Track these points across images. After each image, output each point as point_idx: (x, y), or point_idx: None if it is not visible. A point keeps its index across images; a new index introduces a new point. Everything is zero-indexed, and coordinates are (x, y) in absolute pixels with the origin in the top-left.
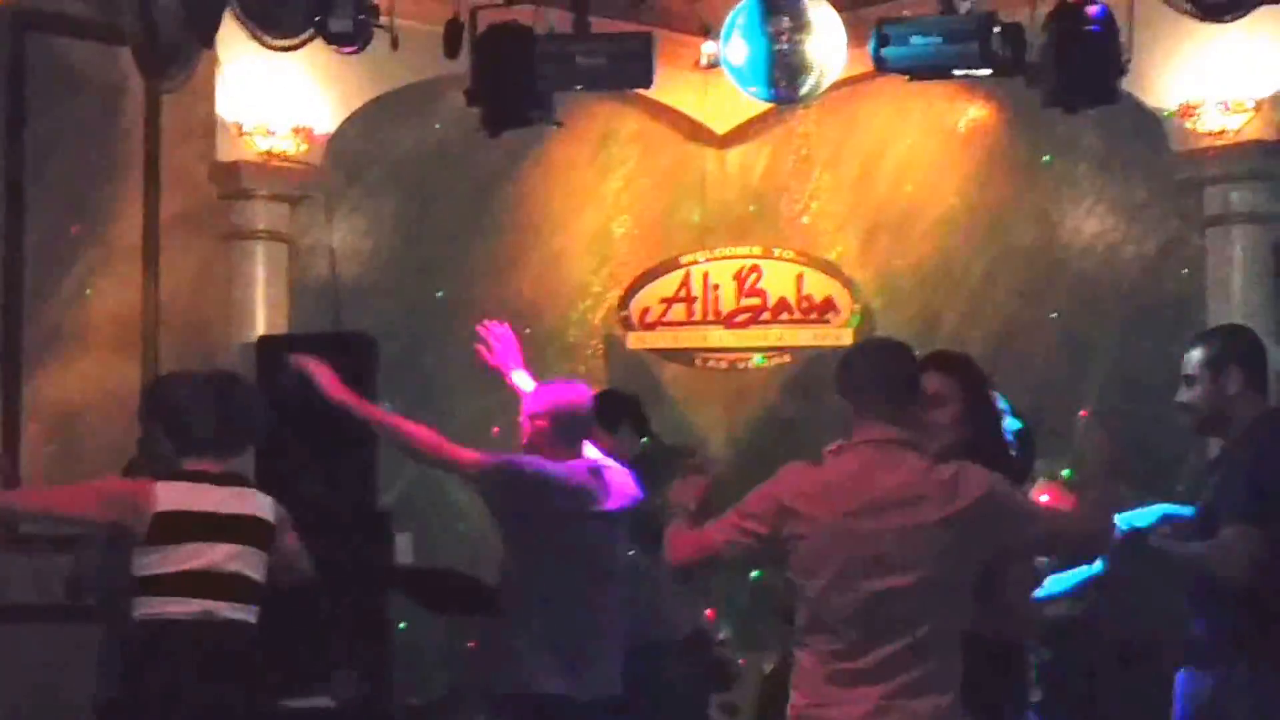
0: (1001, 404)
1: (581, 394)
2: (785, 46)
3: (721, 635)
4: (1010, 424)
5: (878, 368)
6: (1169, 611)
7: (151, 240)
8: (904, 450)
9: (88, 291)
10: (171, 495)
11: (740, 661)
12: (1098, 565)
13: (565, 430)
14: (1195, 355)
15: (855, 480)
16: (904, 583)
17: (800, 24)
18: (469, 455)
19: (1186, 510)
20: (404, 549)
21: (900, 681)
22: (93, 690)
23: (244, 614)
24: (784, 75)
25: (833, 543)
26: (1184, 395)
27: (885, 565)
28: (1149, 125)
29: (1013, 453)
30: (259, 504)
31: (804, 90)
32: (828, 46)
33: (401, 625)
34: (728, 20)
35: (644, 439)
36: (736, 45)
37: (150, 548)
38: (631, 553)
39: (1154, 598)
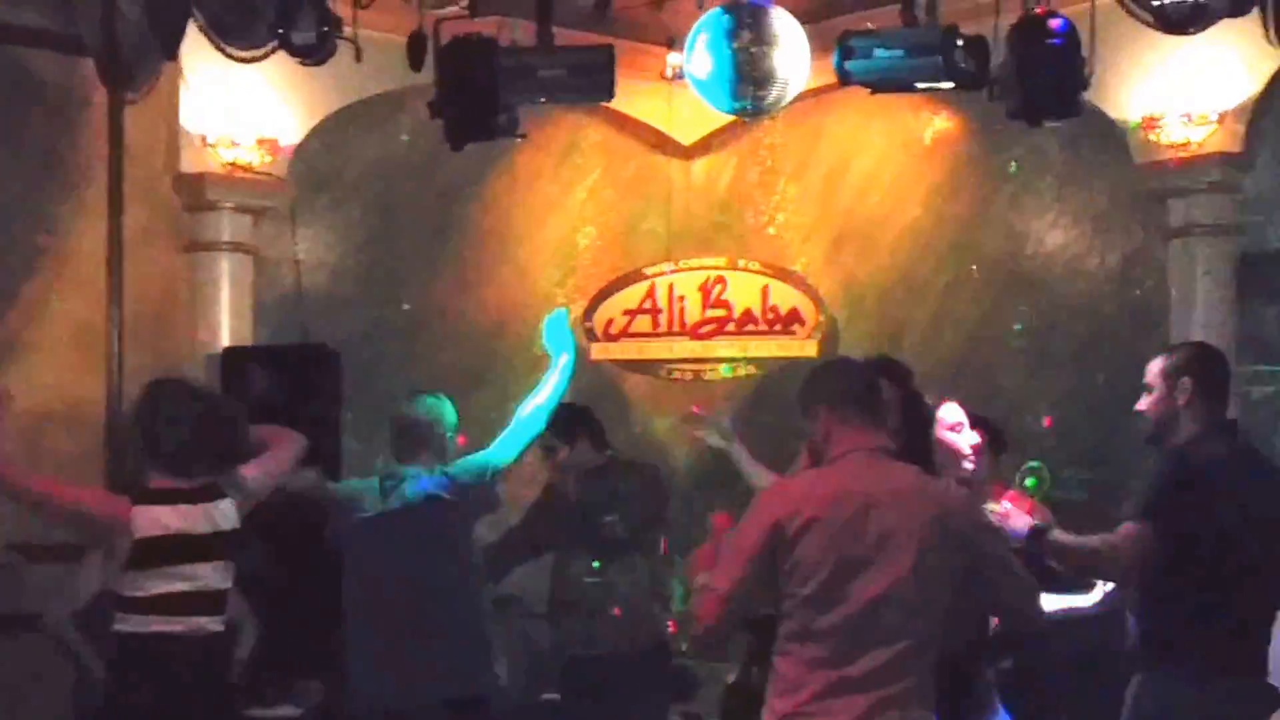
0: (960, 415)
1: None
2: (749, 59)
3: (685, 646)
4: (969, 436)
5: (855, 380)
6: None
7: (115, 252)
8: (892, 458)
9: (51, 303)
10: (147, 520)
11: (700, 673)
12: None
13: None
14: (1155, 365)
15: (849, 485)
16: (895, 590)
17: (764, 36)
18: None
19: None
20: None
21: (887, 692)
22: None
23: (220, 625)
24: (747, 88)
25: (827, 547)
26: (1140, 403)
27: (877, 571)
28: (1113, 137)
29: (969, 465)
30: (226, 515)
31: (767, 103)
32: (792, 59)
33: None
34: (691, 32)
35: (609, 451)
36: (700, 57)
37: (133, 571)
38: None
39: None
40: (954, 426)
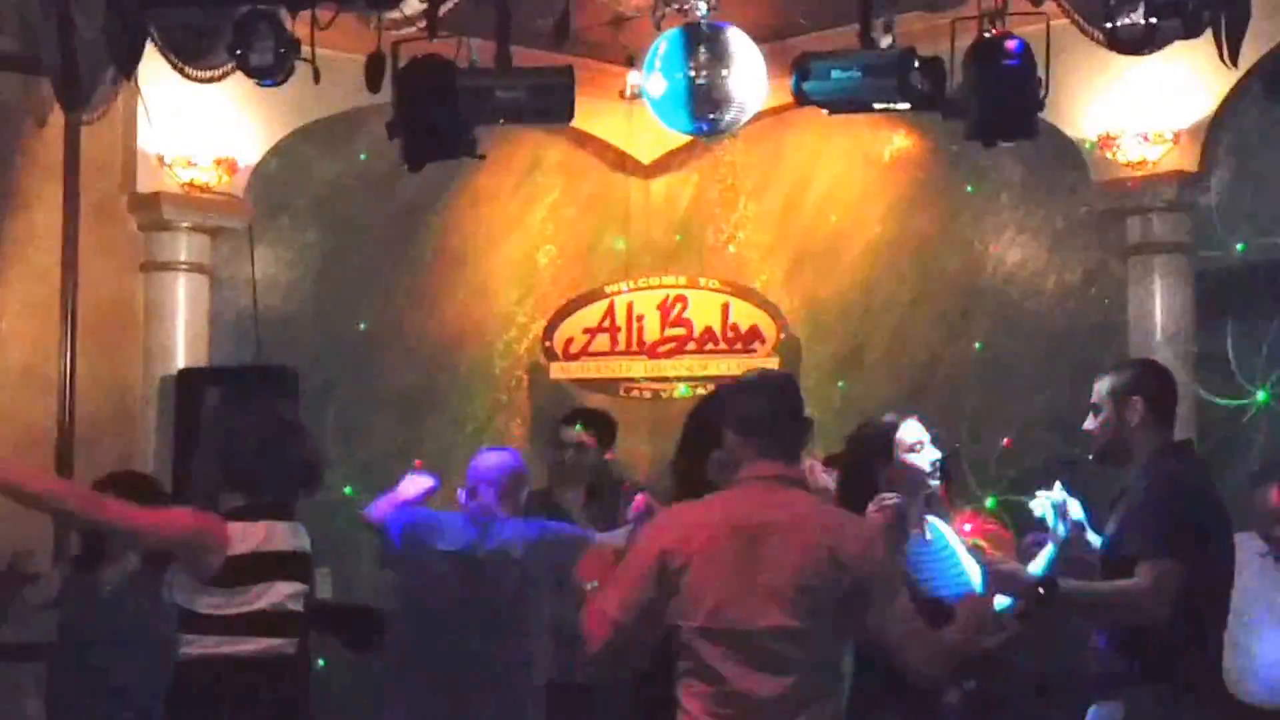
0: (921, 433)
1: None
2: (705, 80)
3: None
4: (930, 454)
5: (776, 403)
6: (1083, 643)
7: (70, 271)
8: (794, 487)
9: (2, 323)
10: (240, 535)
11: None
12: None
13: None
14: (1102, 385)
15: (742, 514)
16: (783, 620)
17: (720, 56)
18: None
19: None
20: (321, 585)
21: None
22: None
23: (296, 648)
24: (704, 108)
25: (713, 577)
26: (1088, 424)
27: (763, 602)
28: (1070, 155)
29: (934, 482)
30: (306, 538)
31: (724, 124)
32: (748, 79)
33: (320, 662)
34: (648, 53)
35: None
36: (657, 78)
37: (217, 589)
38: None
39: (1069, 629)
40: (913, 446)
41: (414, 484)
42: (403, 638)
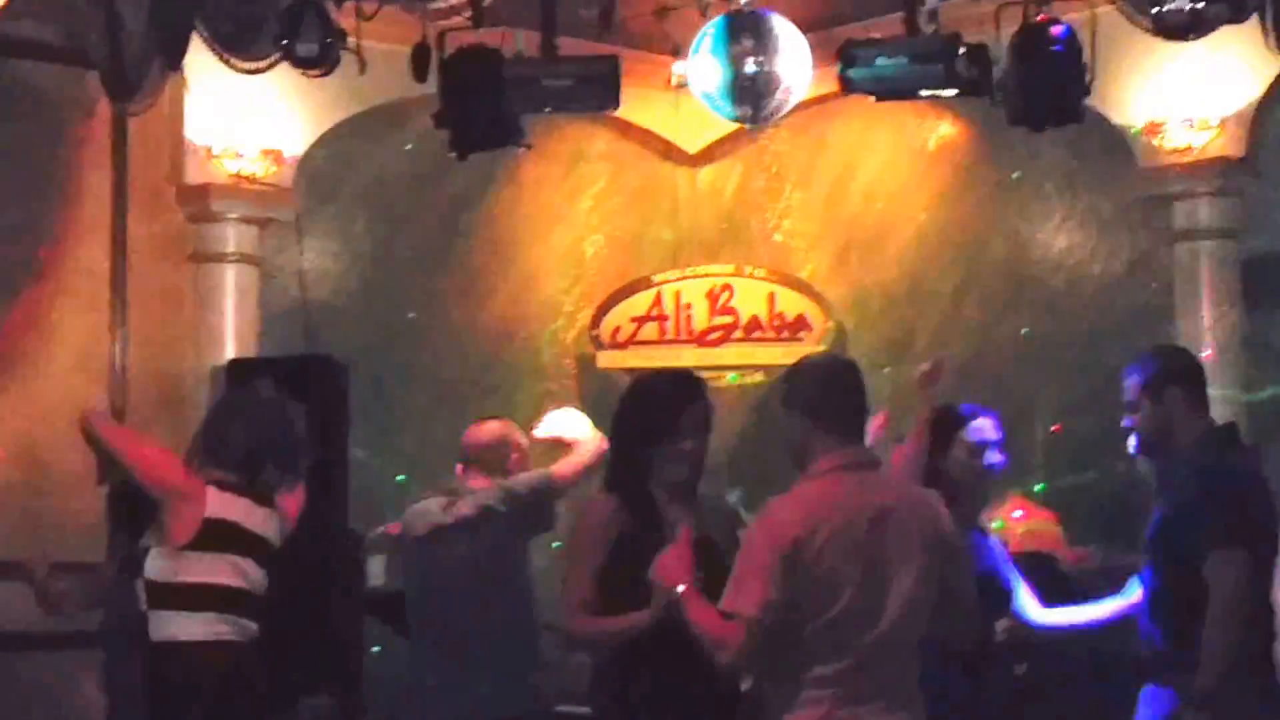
0: (990, 436)
1: None
2: (750, 67)
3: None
4: (991, 458)
5: (854, 385)
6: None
7: (119, 264)
8: (877, 469)
9: (53, 316)
10: (220, 502)
11: None
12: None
13: None
14: (1133, 380)
15: (858, 496)
16: (903, 600)
17: (765, 45)
18: None
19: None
20: (376, 572)
21: (905, 695)
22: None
23: (256, 632)
24: (749, 96)
25: (846, 566)
26: (1127, 420)
27: (899, 580)
28: (1116, 142)
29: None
30: (277, 527)
31: (769, 111)
32: (793, 67)
33: (375, 649)
34: (693, 42)
35: None
36: (702, 66)
37: (186, 552)
38: None
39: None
40: (976, 446)
41: None
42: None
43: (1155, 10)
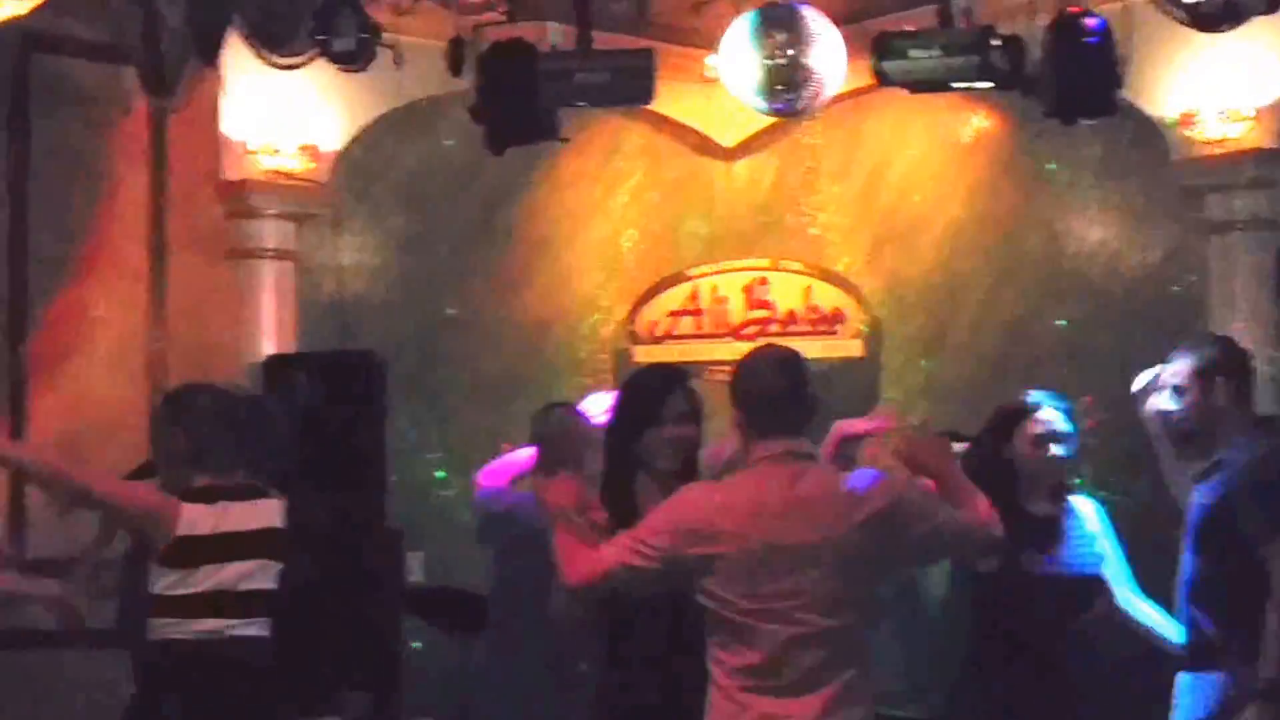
0: (1055, 426)
1: None
2: (783, 60)
3: None
4: (1057, 447)
5: (785, 378)
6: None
7: (157, 259)
8: (808, 462)
9: (92, 313)
10: (193, 518)
11: None
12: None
13: None
14: (1185, 364)
15: (770, 495)
16: (816, 594)
17: (798, 38)
18: None
19: None
20: (415, 568)
21: (828, 692)
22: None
23: (257, 629)
24: (782, 89)
25: (752, 558)
26: (1171, 405)
27: (804, 577)
28: (1150, 134)
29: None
30: (273, 513)
31: (802, 103)
32: (827, 59)
33: (415, 645)
34: (726, 35)
35: None
36: (736, 59)
37: (168, 570)
38: None
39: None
40: (1039, 437)
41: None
42: (500, 618)
43: (1189, 1)
